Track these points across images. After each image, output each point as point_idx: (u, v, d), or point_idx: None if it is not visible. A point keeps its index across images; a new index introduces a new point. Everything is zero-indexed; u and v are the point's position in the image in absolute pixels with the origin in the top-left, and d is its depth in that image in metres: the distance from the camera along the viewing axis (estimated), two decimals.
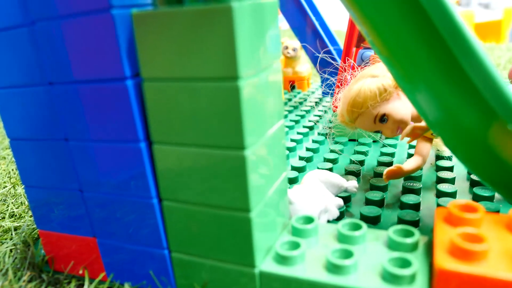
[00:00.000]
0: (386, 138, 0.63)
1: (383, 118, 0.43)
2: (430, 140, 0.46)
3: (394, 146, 0.58)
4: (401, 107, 0.43)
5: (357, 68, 0.48)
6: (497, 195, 0.42)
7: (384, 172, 0.43)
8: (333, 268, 0.26)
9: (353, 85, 0.44)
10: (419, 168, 0.44)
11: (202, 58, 0.24)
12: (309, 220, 0.31)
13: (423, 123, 0.40)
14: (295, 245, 0.28)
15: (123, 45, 0.25)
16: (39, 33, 0.28)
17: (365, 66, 0.48)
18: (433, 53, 0.27)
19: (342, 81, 0.48)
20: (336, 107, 0.62)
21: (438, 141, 0.49)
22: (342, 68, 0.52)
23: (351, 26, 0.68)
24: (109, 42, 0.25)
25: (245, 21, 0.23)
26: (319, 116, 0.76)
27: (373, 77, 0.43)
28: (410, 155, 0.54)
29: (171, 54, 0.25)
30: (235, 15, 0.22)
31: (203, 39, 0.24)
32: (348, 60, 0.54)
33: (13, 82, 0.31)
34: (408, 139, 0.42)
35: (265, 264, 0.28)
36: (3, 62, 0.30)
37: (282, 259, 0.27)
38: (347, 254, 0.27)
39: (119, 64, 0.26)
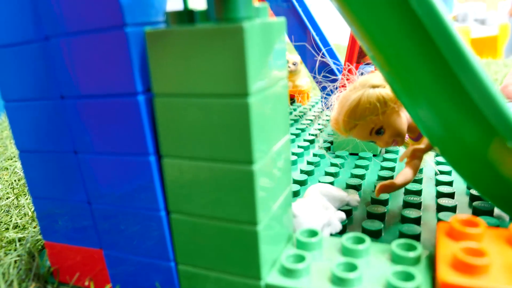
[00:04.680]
0: (386, 152, 0.63)
1: (380, 131, 0.42)
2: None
3: (394, 160, 0.59)
4: (399, 120, 0.41)
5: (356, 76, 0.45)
6: (496, 210, 0.43)
7: (377, 187, 0.42)
8: (338, 281, 0.27)
9: (352, 93, 0.41)
10: (410, 181, 0.43)
11: (213, 75, 0.25)
12: (313, 233, 0.31)
13: (422, 145, 0.40)
14: (300, 258, 0.29)
15: (135, 62, 0.26)
16: (52, 49, 0.28)
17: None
18: (434, 70, 0.28)
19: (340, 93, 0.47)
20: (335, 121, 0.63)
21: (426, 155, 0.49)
22: (342, 82, 0.51)
23: (352, 41, 0.69)
24: (122, 59, 0.26)
25: (255, 41, 0.24)
26: (320, 129, 0.77)
27: (374, 87, 0.40)
28: None
29: (182, 71, 0.25)
30: (246, 35, 0.23)
31: (214, 57, 0.24)
32: (349, 72, 0.53)
33: (25, 95, 0.31)
34: (406, 159, 0.42)
35: (270, 276, 0.28)
36: (15, 75, 0.31)
37: (287, 272, 0.28)
38: (352, 267, 0.28)
39: (131, 79, 0.26)
